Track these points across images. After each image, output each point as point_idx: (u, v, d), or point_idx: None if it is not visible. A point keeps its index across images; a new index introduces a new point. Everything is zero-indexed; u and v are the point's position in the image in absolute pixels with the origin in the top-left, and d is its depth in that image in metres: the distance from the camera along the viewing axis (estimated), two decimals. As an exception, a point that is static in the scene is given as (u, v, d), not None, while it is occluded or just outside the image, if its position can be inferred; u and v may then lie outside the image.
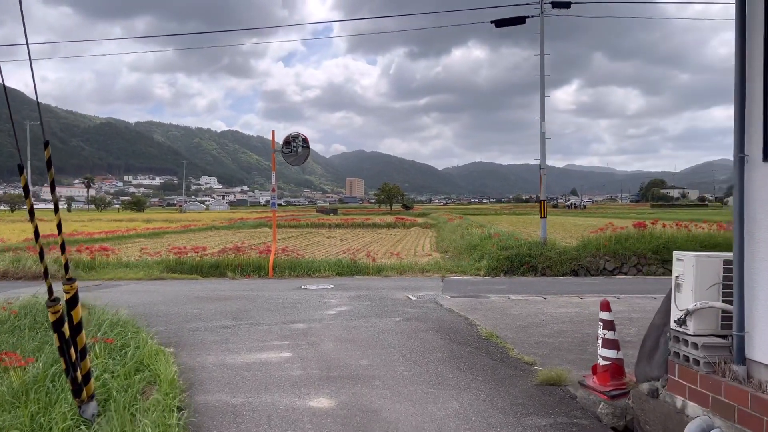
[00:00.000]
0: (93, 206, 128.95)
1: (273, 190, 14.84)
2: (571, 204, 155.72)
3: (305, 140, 15.42)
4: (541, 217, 15.01)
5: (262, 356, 6.31)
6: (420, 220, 54.45)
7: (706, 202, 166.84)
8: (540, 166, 14.78)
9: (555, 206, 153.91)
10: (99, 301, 9.27)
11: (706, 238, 14.13)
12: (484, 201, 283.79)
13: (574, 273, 13.98)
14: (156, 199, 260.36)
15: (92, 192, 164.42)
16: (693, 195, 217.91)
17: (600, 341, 4.92)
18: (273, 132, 14.96)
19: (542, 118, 14.72)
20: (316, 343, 6.83)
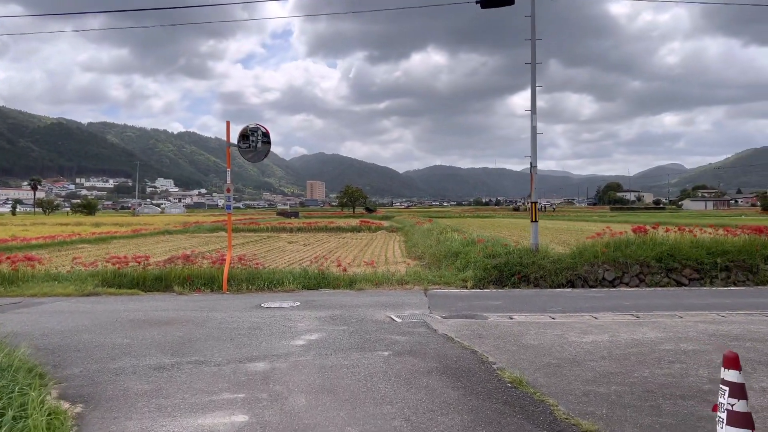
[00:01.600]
0: (40, 209, 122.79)
1: (228, 190, 12.82)
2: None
3: (266, 134, 13.47)
4: (531, 221, 13.42)
5: (205, 422, 4.43)
6: (386, 223, 52.70)
7: (661, 205, 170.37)
8: (531, 164, 13.20)
9: (516, 209, 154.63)
10: (3, 328, 7.23)
11: (713, 245, 12.78)
12: (445, 204, 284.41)
13: (571, 284, 12.43)
14: (110, 202, 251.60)
15: (42, 194, 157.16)
16: (648, 198, 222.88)
17: (725, 416, 3.23)
18: (228, 123, 12.99)
19: (533, 110, 13.15)
20: (282, 397, 4.98)
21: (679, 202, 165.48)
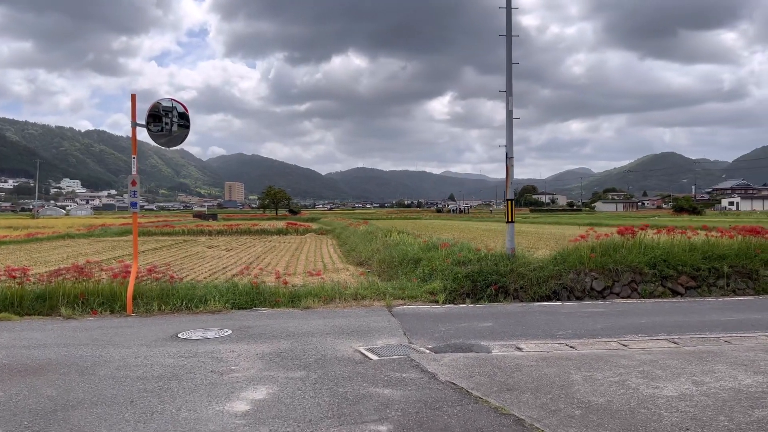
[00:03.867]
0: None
1: (132, 183, 9.96)
2: (457, 208, 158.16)
3: (183, 115, 10.74)
4: (507, 222, 11.43)
5: None
6: (314, 225, 50.00)
7: (575, 207, 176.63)
8: (507, 154, 11.21)
9: (439, 211, 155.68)
10: None
11: (708, 249, 11.28)
12: (368, 206, 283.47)
13: (555, 295, 10.53)
14: (8, 204, 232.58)
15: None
16: (561, 200, 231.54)
17: None
18: (133, 97, 10.16)
19: (509, 92, 11.17)
20: None
21: (592, 204, 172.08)
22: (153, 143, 11.09)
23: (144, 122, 10.25)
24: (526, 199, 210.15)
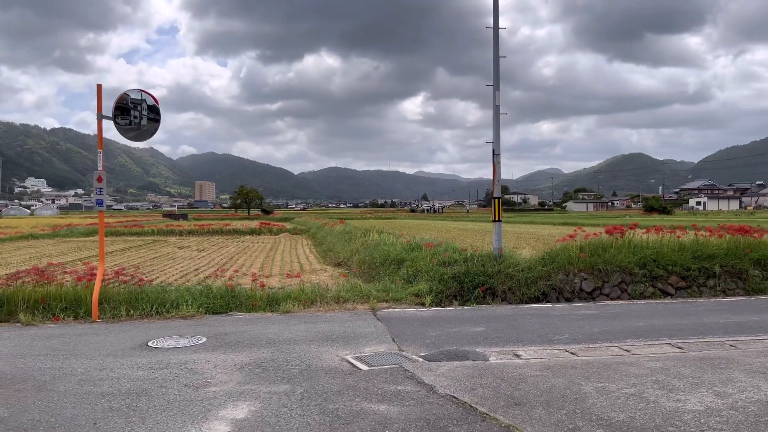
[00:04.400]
0: None
1: (98, 180, 9.27)
2: (431, 208, 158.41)
3: (153, 108, 10.10)
4: (494, 221, 11.05)
5: None
6: (288, 225, 49.18)
7: (546, 207, 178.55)
8: (494, 151, 10.82)
9: (413, 210, 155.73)
10: None
11: (698, 248, 11.06)
12: (342, 205, 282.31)
13: (545, 296, 10.18)
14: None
15: None
16: (533, 200, 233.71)
17: None
18: (99, 87, 9.47)
19: (496, 86, 10.78)
20: None
21: (563, 204, 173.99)
22: (122, 141, 10.46)
23: (111, 115, 9.59)
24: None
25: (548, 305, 9.64)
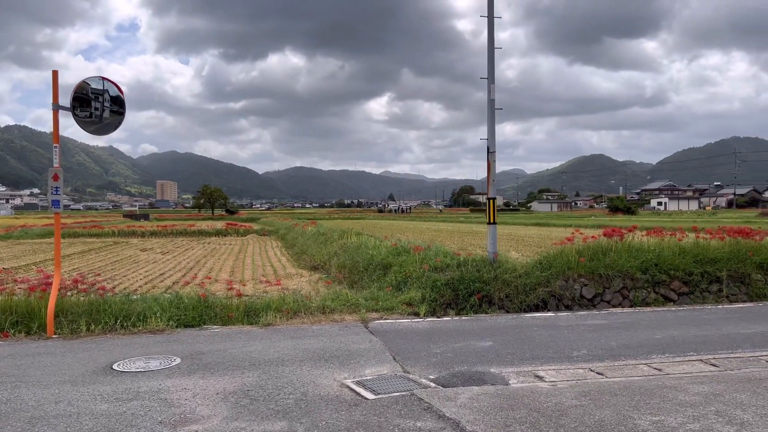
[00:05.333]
0: None
1: (54, 178, 8.22)
2: (398, 208, 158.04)
3: (118, 98, 9.09)
4: (488, 223, 10.36)
5: None
6: (255, 226, 47.81)
7: (512, 207, 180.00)
8: (488, 148, 10.13)
9: (381, 211, 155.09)
10: None
11: (699, 251, 10.58)
12: (307, 206, 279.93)
13: (544, 304, 9.53)
14: None
15: None
16: (498, 200, 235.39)
17: None
18: (55, 74, 8.44)
19: (491, 78, 10.10)
20: None
21: (528, 204, 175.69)
22: (80, 139, 9.40)
23: (69, 105, 8.56)
24: (465, 199, 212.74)
25: (551, 314, 8.99)
